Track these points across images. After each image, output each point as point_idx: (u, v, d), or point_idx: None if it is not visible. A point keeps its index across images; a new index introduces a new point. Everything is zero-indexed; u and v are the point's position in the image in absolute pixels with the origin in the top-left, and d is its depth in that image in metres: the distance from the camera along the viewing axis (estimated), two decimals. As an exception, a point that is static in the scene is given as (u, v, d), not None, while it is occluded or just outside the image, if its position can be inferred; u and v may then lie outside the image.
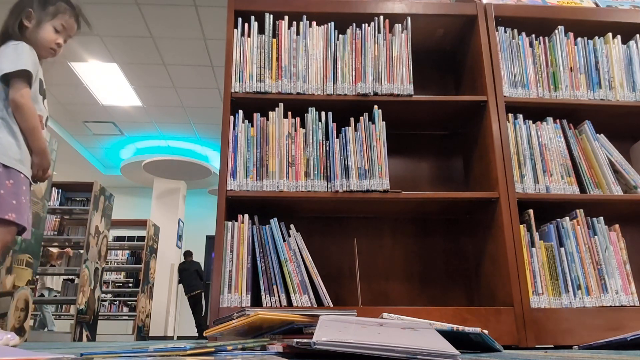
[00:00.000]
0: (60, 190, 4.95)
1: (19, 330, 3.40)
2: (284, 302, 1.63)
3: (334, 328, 0.92)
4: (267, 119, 1.83)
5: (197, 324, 7.61)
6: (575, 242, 1.75)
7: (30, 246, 3.52)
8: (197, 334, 7.73)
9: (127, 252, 7.80)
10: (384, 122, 1.83)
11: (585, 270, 1.72)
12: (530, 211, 1.79)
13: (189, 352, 0.95)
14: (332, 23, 1.95)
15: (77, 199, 5.06)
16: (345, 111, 1.87)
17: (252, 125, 1.82)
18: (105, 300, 7.81)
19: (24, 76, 1.44)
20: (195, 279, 7.56)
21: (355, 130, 1.82)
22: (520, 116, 1.90)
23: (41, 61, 1.56)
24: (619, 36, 2.06)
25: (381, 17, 1.95)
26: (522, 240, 1.72)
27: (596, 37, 2.05)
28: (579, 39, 2.04)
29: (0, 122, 1.41)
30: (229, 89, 1.86)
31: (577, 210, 1.80)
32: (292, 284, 1.65)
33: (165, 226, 8.12)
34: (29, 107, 1.44)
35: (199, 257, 8.48)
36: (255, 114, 1.83)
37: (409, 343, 0.80)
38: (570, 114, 1.97)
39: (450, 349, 0.80)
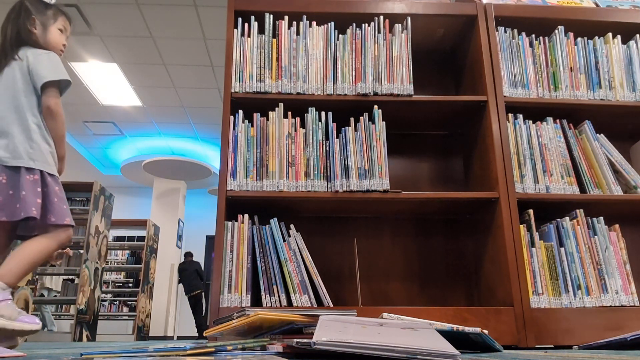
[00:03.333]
0: (60, 190, 4.93)
1: (19, 330, 3.39)
2: (284, 302, 1.63)
3: (334, 328, 0.92)
4: (267, 119, 1.83)
5: (197, 324, 7.61)
6: (575, 242, 1.75)
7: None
8: (197, 334, 7.73)
9: (127, 252, 7.80)
10: (384, 122, 1.83)
11: (585, 270, 1.72)
12: (530, 211, 1.79)
13: (189, 352, 0.95)
14: (332, 23, 1.95)
15: (77, 199, 5.06)
16: (345, 111, 1.87)
17: (252, 125, 1.82)
18: (105, 300, 7.81)
19: (57, 85, 1.46)
20: (195, 279, 7.56)
21: (355, 130, 1.82)
22: (520, 116, 1.90)
23: None
24: (619, 36, 2.06)
25: (381, 17, 1.95)
26: (522, 240, 1.72)
27: (596, 37, 2.05)
28: (579, 39, 2.04)
29: (37, 129, 1.42)
30: (229, 89, 1.86)
31: (577, 210, 1.80)
32: (292, 284, 1.65)
33: (165, 226, 8.12)
34: (62, 115, 1.47)
35: (199, 257, 8.48)
36: (255, 114, 1.83)
37: (409, 343, 0.80)
38: (570, 114, 1.97)
39: (450, 349, 0.80)
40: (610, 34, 2.05)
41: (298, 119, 1.83)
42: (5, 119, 1.40)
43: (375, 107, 1.84)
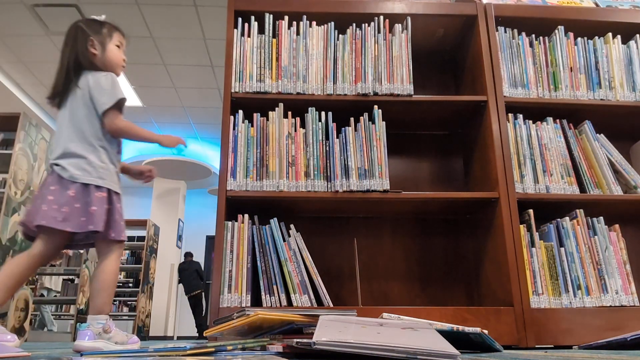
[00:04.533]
0: (60, 190, 4.92)
1: (19, 330, 3.40)
2: (284, 302, 1.63)
3: (334, 328, 0.92)
4: (267, 119, 1.83)
5: (197, 324, 7.61)
6: (575, 242, 1.75)
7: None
8: (197, 334, 7.73)
9: (127, 252, 7.78)
10: (384, 122, 1.83)
11: (585, 270, 1.72)
12: (530, 211, 1.79)
13: (189, 352, 0.95)
14: (332, 23, 1.95)
15: (77, 199, 5.04)
16: (345, 111, 1.87)
17: (252, 125, 1.82)
18: (105, 300, 7.78)
19: (117, 105, 1.48)
20: (195, 279, 7.56)
21: (355, 130, 1.82)
22: (520, 116, 1.90)
23: None
24: (619, 36, 2.06)
25: (381, 17, 1.95)
26: (522, 240, 1.72)
27: (596, 37, 2.05)
28: (579, 39, 2.04)
29: (103, 152, 1.46)
30: (229, 89, 1.86)
31: (577, 210, 1.80)
32: (292, 284, 1.65)
33: (165, 226, 8.11)
34: (126, 125, 1.49)
35: (199, 257, 8.48)
36: (255, 114, 1.83)
37: (409, 343, 0.80)
38: (570, 114, 1.97)
39: (450, 349, 0.80)
40: (610, 34, 2.05)
41: (298, 119, 1.83)
42: (74, 142, 1.44)
43: (375, 107, 1.84)
